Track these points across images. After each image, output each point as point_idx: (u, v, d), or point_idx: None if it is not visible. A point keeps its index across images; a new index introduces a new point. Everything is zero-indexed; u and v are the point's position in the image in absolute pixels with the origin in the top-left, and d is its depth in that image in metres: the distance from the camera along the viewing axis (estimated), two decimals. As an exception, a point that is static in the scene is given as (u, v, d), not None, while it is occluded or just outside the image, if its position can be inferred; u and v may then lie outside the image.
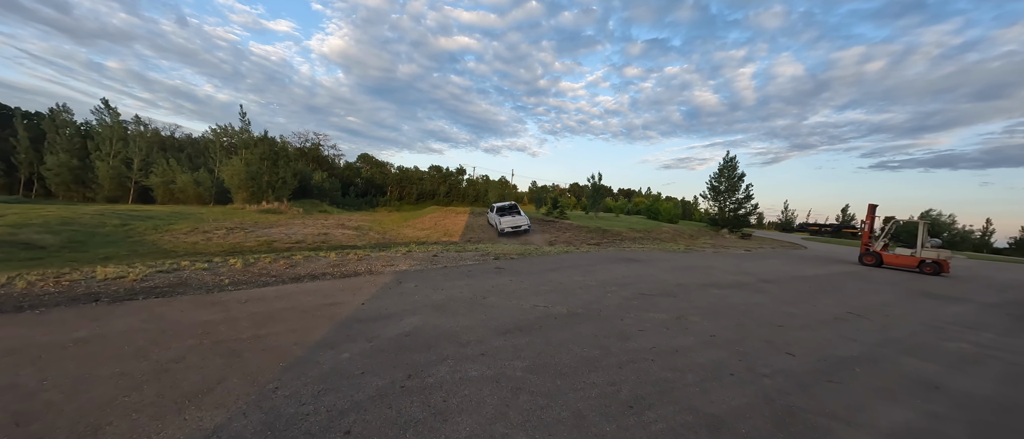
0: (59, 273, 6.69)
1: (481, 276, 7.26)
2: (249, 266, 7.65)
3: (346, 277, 6.64)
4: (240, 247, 15.45)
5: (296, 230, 21.63)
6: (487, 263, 9.00)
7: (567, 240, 19.30)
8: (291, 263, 8.03)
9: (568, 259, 10.46)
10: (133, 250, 13.16)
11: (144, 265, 8.03)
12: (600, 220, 29.44)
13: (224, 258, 9.01)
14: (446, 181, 68.69)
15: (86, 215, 17.75)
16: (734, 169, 37.45)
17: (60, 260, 10.43)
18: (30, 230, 13.32)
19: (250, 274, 6.70)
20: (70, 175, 35.29)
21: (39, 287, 5.24)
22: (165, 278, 6.12)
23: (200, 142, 47.91)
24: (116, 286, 5.40)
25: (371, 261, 8.58)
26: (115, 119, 36.89)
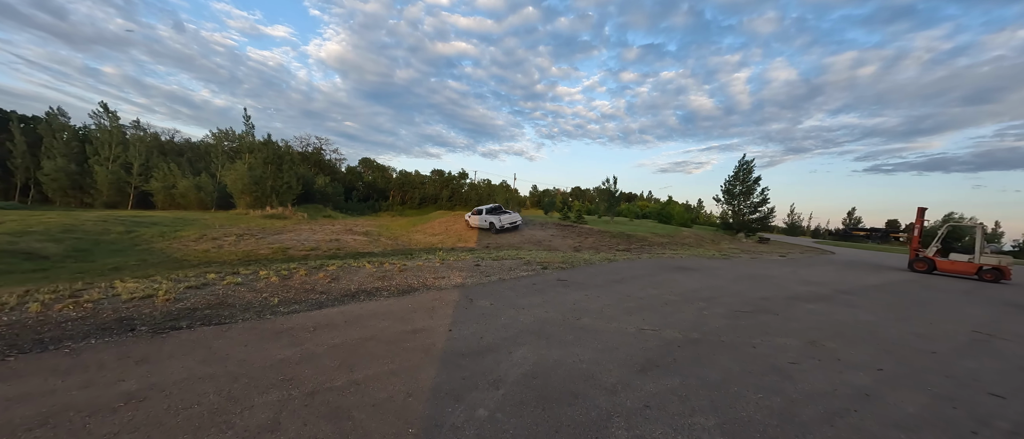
0: (74, 290, 5.85)
1: (550, 290, 6.48)
2: (286, 279, 6.83)
3: (404, 294, 5.83)
4: (254, 255, 14.57)
5: (305, 236, 20.76)
6: (541, 274, 8.21)
7: (593, 245, 18.55)
8: (331, 275, 7.21)
9: (621, 269, 9.71)
10: (143, 259, 12.26)
11: (166, 279, 7.19)
12: (617, 224, 28.77)
13: (253, 269, 8.17)
14: (448, 185, 67.93)
15: (88, 222, 16.81)
16: (750, 172, 36.94)
17: (67, 272, 9.54)
18: (31, 238, 12.40)
19: (293, 290, 5.88)
20: (68, 180, 34.19)
21: (57, 310, 4.41)
22: (199, 296, 5.29)
23: (201, 146, 46.93)
24: (148, 308, 4.58)
25: (416, 273, 7.78)
26: (114, 123, 35.89)
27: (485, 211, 21.93)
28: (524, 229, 26.24)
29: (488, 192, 68.27)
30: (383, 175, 66.31)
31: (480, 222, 21.86)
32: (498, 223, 20.95)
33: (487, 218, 21.39)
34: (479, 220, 21.96)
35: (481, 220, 21.78)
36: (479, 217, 22.02)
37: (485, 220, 21.46)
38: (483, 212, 21.91)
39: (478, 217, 22.13)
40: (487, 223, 21.29)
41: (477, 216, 22.27)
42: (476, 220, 22.39)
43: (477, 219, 22.25)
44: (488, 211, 21.94)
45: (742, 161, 37.90)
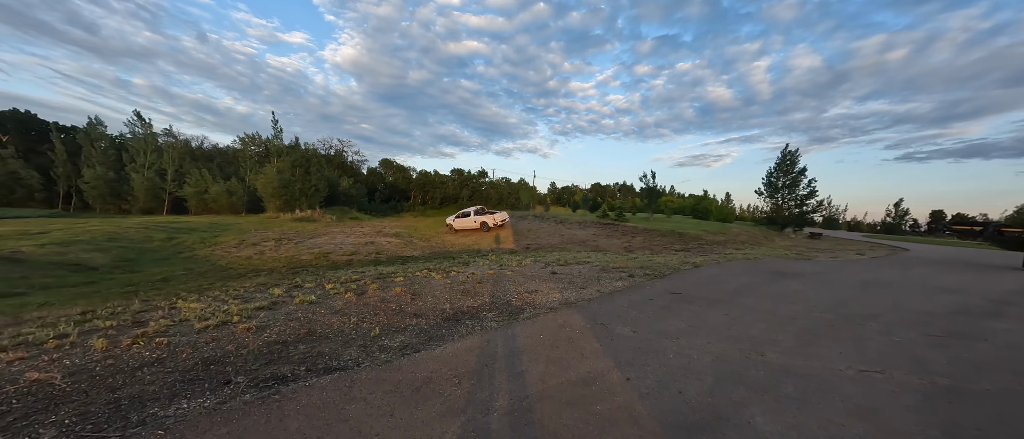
0: (135, 314, 5.11)
1: (677, 308, 5.40)
2: (361, 296, 5.98)
3: (512, 316, 4.85)
4: (297, 261, 14.01)
5: (340, 239, 20.25)
6: (638, 284, 7.13)
7: (646, 245, 17.30)
8: (406, 289, 6.32)
9: (715, 275, 8.52)
10: (188, 269, 11.79)
11: (226, 294, 6.45)
12: (657, 222, 27.28)
13: (314, 281, 7.39)
14: (468, 184, 67.29)
15: (130, 229, 16.65)
16: (794, 163, 34.68)
17: (117, 284, 9.03)
18: (78, 248, 12.09)
19: (380, 312, 4.99)
20: (106, 188, 35.02)
21: (125, 346, 3.62)
22: (281, 322, 4.44)
23: (229, 152, 47.62)
24: (230, 342, 3.74)
25: (497, 283, 6.81)
26: (148, 131, 36.57)
27: (473, 213, 22.20)
28: (563, 228, 25.10)
29: (508, 190, 67.36)
30: (404, 175, 66.16)
31: (469, 224, 21.81)
32: (491, 222, 21.43)
33: (477, 219, 21.65)
34: (468, 222, 21.88)
35: (470, 222, 21.76)
36: (468, 219, 21.99)
37: (475, 221, 21.57)
38: (471, 214, 22.11)
39: (466, 219, 22.06)
40: (479, 223, 21.46)
41: (465, 219, 22.19)
42: (463, 223, 22.16)
43: (465, 222, 22.09)
44: (476, 212, 22.29)
45: (785, 151, 35.61)
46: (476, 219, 21.45)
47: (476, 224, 21.39)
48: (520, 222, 30.63)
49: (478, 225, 21.32)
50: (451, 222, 23.08)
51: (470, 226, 21.55)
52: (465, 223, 21.83)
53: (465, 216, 22.20)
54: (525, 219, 32.12)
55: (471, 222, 21.56)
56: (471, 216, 21.80)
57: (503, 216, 21.86)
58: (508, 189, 67.25)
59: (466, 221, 21.81)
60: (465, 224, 21.81)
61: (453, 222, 22.80)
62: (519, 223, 30.34)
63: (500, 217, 21.60)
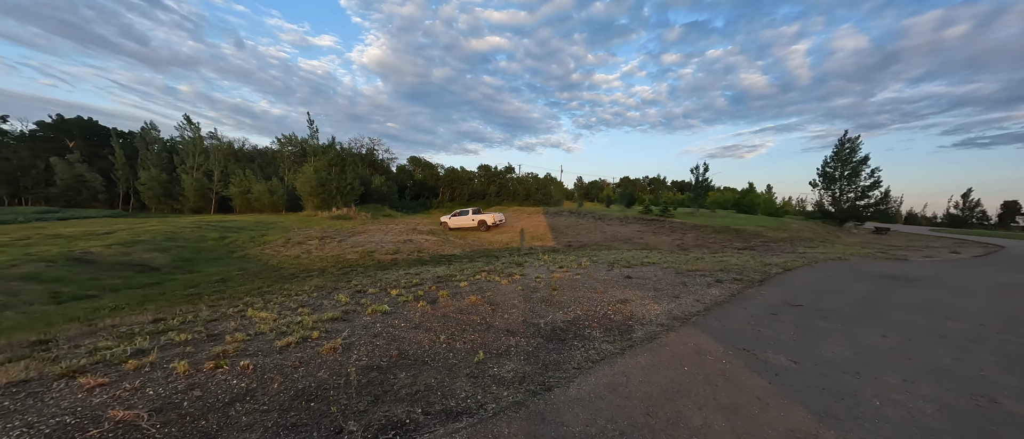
0: (208, 324, 4.78)
1: (816, 325, 4.49)
2: (436, 304, 5.44)
3: (627, 334, 4.12)
4: (343, 261, 13.91)
5: (378, 238, 20.18)
6: (741, 293, 6.22)
7: (701, 243, 16.07)
8: (486, 299, 5.72)
9: (817, 280, 7.44)
10: (243, 268, 11.86)
11: (293, 301, 6.10)
12: (704, 217, 25.63)
13: (378, 286, 6.96)
14: (495, 181, 66.86)
15: (185, 229, 17.20)
16: (854, 151, 31.69)
17: (179, 286, 9.04)
18: (140, 248, 12.43)
19: (465, 326, 4.40)
20: (160, 188, 37.09)
21: (208, 370, 3.19)
22: (364, 341, 3.93)
23: (268, 153, 49.43)
24: (320, 367, 3.23)
25: (572, 290, 6.10)
26: (196, 133, 38.35)
27: (471, 212, 23.09)
28: (604, 224, 24.06)
29: (536, 185, 66.41)
30: (432, 173, 66.54)
31: (467, 222, 22.53)
32: (490, 221, 22.34)
33: (475, 218, 22.46)
34: (466, 220, 22.58)
35: (468, 220, 22.54)
36: (465, 218, 22.67)
37: (473, 220, 22.42)
38: (470, 213, 22.95)
39: (464, 218, 22.72)
40: (477, 222, 22.29)
41: (462, 217, 22.84)
42: (459, 221, 22.74)
43: (462, 220, 22.70)
44: (474, 212, 23.24)
45: (844, 139, 32.59)
46: (474, 218, 22.23)
47: (474, 223, 22.12)
48: (555, 218, 29.75)
49: (476, 223, 22.07)
50: (446, 220, 23.43)
51: (468, 224, 22.31)
52: (461, 221, 22.58)
53: (462, 215, 22.95)
54: (560, 215, 31.21)
55: (469, 220, 22.32)
56: (470, 215, 22.63)
57: (500, 216, 22.85)
58: (535, 184, 66.30)
59: (464, 219, 22.56)
60: (461, 223, 22.54)
61: (448, 220, 23.20)
62: (554, 219, 29.47)
63: (497, 217, 22.50)
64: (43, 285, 7.94)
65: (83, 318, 5.85)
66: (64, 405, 2.74)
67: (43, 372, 3.37)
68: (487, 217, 22.30)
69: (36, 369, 3.52)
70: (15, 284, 7.74)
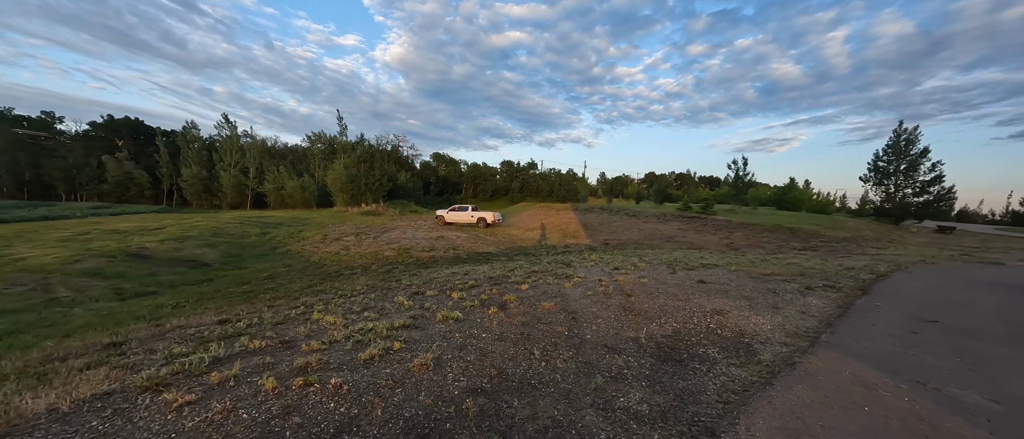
0: (275, 326, 4.54)
1: (982, 351, 3.77)
2: (506, 310, 5.01)
3: (753, 357, 3.56)
4: (382, 257, 13.82)
5: (410, 234, 20.09)
6: (850, 304, 5.49)
7: (752, 242, 15.04)
8: (560, 306, 5.25)
9: (937, 290, 6.55)
10: (287, 265, 11.91)
11: (357, 304, 5.83)
12: (747, 215, 24.19)
13: (436, 288, 6.62)
14: (518, 176, 66.35)
15: (229, 224, 17.62)
16: (912, 143, 29.19)
17: (231, 282, 9.06)
18: (190, 244, 12.70)
19: (553, 338, 3.95)
20: (201, 185, 38.68)
21: (297, 388, 2.86)
22: (449, 354, 3.54)
23: (298, 150, 50.78)
24: (408, 381, 2.85)
25: (651, 297, 5.53)
26: (233, 132, 39.69)
27: (470, 209, 23.38)
28: (640, 222, 23.16)
29: (558, 181, 65.44)
30: (455, 169, 66.74)
31: (465, 218, 22.92)
32: (489, 219, 22.66)
33: (474, 214, 22.87)
34: (464, 216, 22.95)
35: (467, 216, 22.93)
36: (464, 214, 23.02)
37: (472, 216, 22.78)
38: (469, 209, 23.28)
39: (463, 214, 23.07)
40: (476, 219, 22.65)
41: (460, 213, 23.17)
42: (456, 216, 23.07)
43: (460, 215, 23.05)
44: (473, 209, 23.64)
45: (899, 130, 30.07)
46: (474, 215, 22.77)
47: (473, 219, 22.63)
48: (586, 215, 28.96)
49: (475, 220, 22.57)
50: (443, 214, 23.62)
51: (466, 220, 22.73)
52: (459, 217, 22.95)
53: (462, 210, 23.31)
54: (591, 212, 30.36)
55: (468, 216, 22.79)
56: (469, 211, 23.09)
57: (498, 215, 23.71)
58: (558, 180, 65.35)
59: (463, 215, 22.95)
60: (458, 218, 22.92)
61: (445, 214, 23.45)
62: (585, 216, 28.68)
63: (496, 216, 23.34)
64: (106, 281, 8.08)
65: (149, 317, 5.77)
66: (155, 428, 2.46)
67: (124, 383, 3.15)
68: (487, 215, 22.78)
69: (116, 378, 3.31)
70: (80, 280, 7.90)
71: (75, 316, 5.84)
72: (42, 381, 3.34)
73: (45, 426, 2.55)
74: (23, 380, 3.37)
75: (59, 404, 2.83)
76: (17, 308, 6.12)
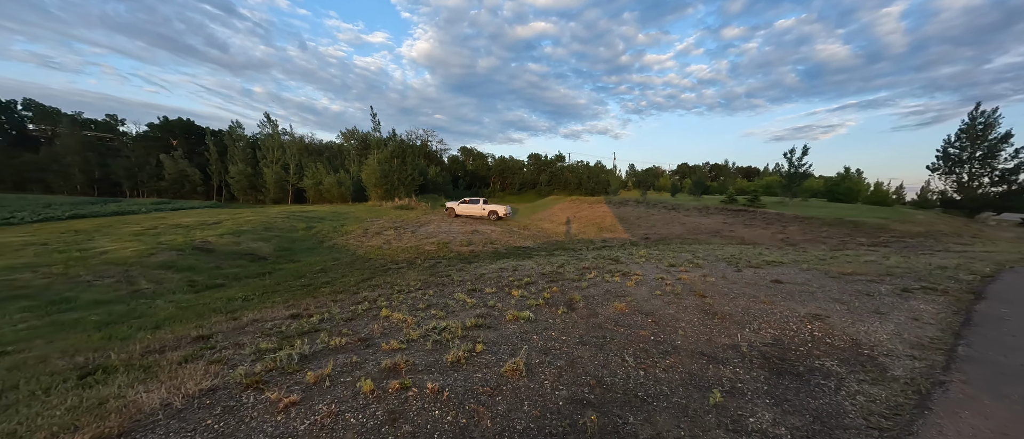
0: (346, 322, 4.55)
1: None
2: (575, 311, 4.79)
3: (882, 373, 3.15)
4: (425, 252, 13.97)
5: (445, 228, 20.22)
6: (979, 312, 4.86)
7: (812, 237, 13.99)
8: (635, 309, 4.97)
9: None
10: (335, 258, 12.28)
11: (423, 302, 5.80)
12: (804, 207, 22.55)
13: (483, 281, 6.50)
14: (545, 169, 65.62)
15: (276, 219, 18.43)
16: (991, 127, 26.13)
17: (289, 275, 9.39)
18: (246, 238, 13.34)
19: (636, 342, 3.69)
20: (246, 181, 40.89)
21: (394, 391, 2.78)
22: (537, 358, 3.36)
23: (334, 147, 52.57)
24: (507, 389, 2.69)
25: (729, 300, 5.13)
26: (275, 130, 41.57)
27: (482, 201, 23.57)
28: (680, 215, 22.23)
29: (587, 174, 64.18)
30: (483, 162, 66.92)
31: (477, 210, 23.09)
32: (501, 212, 22.71)
33: (486, 207, 23.00)
34: (475, 209, 23.12)
35: (478, 209, 23.09)
36: (476, 206, 23.19)
37: (484, 209, 22.91)
38: (481, 202, 23.48)
39: (474, 206, 23.25)
40: (487, 211, 22.74)
41: (471, 205, 23.39)
42: (468, 209, 23.28)
43: (472, 208, 23.24)
44: (484, 202, 23.80)
45: (976, 112, 26.97)
46: (485, 207, 22.94)
47: (484, 212, 22.78)
48: (621, 209, 28.15)
49: (486, 213, 22.70)
50: (453, 206, 23.81)
51: (477, 213, 22.90)
52: (470, 209, 23.15)
53: (473, 203, 23.55)
54: (626, 205, 29.50)
55: (479, 209, 22.97)
56: (480, 204, 23.26)
57: (508, 208, 23.98)
58: (586, 173, 64.09)
59: (474, 208, 23.16)
60: (470, 210, 23.12)
61: (455, 206, 23.67)
62: (620, 210, 27.89)
63: (506, 209, 23.60)
64: (179, 274, 8.57)
65: (224, 310, 6.01)
66: (268, 430, 2.44)
67: (225, 379, 3.21)
68: (498, 208, 23.01)
69: (215, 373, 3.39)
70: (157, 273, 8.42)
71: (159, 308, 6.18)
72: (149, 374, 3.48)
73: (164, 422, 2.60)
74: (131, 372, 3.52)
75: (171, 399, 2.90)
76: (108, 299, 6.57)
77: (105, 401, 2.92)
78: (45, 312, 5.77)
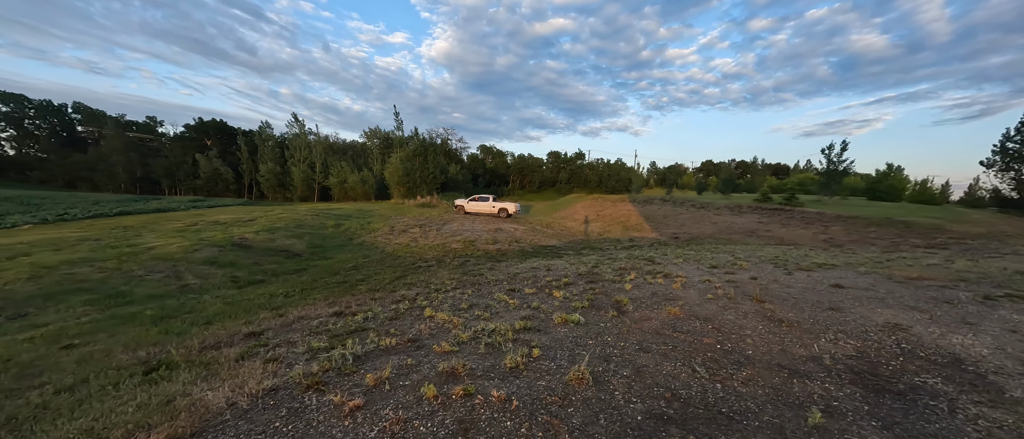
0: (390, 322, 4.49)
1: None
2: (634, 317, 4.57)
3: (998, 395, 2.81)
4: (451, 250, 13.99)
5: (469, 226, 20.21)
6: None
7: (855, 239, 13.15)
8: (691, 314, 4.71)
9: None
10: (366, 256, 12.45)
11: (466, 302, 5.71)
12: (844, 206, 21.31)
13: (517, 280, 6.36)
14: (565, 167, 64.96)
15: (306, 216, 18.91)
16: (1057, 121, 23.83)
17: (323, 272, 9.54)
18: (280, 235, 13.70)
19: (703, 350, 3.45)
20: (275, 179, 42.29)
21: (458, 397, 2.66)
22: (599, 367, 3.17)
23: (356, 145, 53.71)
24: (577, 400, 2.53)
25: (803, 310, 4.78)
26: (301, 129, 42.79)
27: (491, 199, 23.82)
28: (710, 214, 21.47)
29: (608, 172, 63.13)
30: (502, 160, 66.90)
31: (486, 208, 23.23)
32: (511, 210, 22.75)
33: (495, 205, 23.16)
34: (485, 206, 23.27)
35: (488, 206, 23.23)
36: (485, 204, 23.37)
37: (494, 207, 23.05)
38: (490, 199, 23.73)
39: (483, 204, 23.42)
40: (497, 209, 22.87)
41: (481, 203, 23.55)
42: (477, 206, 23.40)
43: (481, 206, 23.40)
44: (494, 199, 24.04)
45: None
46: (495, 205, 23.17)
47: (494, 210, 22.97)
48: (646, 207, 27.47)
49: (496, 210, 22.88)
50: (462, 203, 24.01)
51: (487, 210, 23.11)
52: (480, 207, 23.36)
53: (483, 201, 23.74)
54: (651, 203, 28.79)
55: (489, 207, 23.19)
56: (490, 202, 23.51)
57: (517, 206, 24.10)
58: (607, 170, 63.04)
59: (483, 205, 23.37)
60: (479, 208, 23.34)
61: (465, 204, 23.87)
62: (645, 208, 27.21)
63: (515, 206, 23.79)
64: (222, 269, 8.84)
65: (268, 306, 6.11)
66: (338, 435, 2.37)
67: (284, 378, 3.18)
68: (508, 206, 23.29)
69: (272, 372, 3.38)
70: (202, 268, 8.71)
71: (207, 303, 6.34)
72: (209, 371, 3.51)
73: (232, 423, 2.58)
74: (193, 369, 3.56)
75: (235, 399, 2.89)
76: (160, 294, 6.81)
77: (173, 399, 2.94)
78: (104, 306, 6.02)
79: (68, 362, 3.87)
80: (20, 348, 4.27)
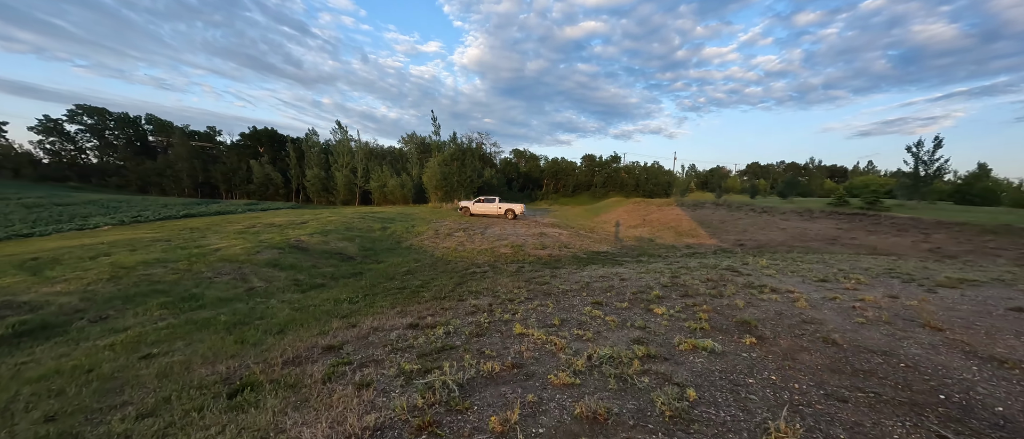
0: (473, 339, 3.89)
1: None
2: (786, 351, 3.70)
3: None
4: (501, 255, 13.46)
5: (511, 230, 19.62)
6: None
7: (972, 248, 11.18)
8: (858, 344, 3.77)
9: None
10: (416, 260, 12.17)
11: (557, 317, 5.05)
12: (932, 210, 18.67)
13: (592, 291, 5.59)
14: (600, 171, 63.25)
15: (354, 219, 19.15)
16: None
17: (378, 277, 9.25)
18: (333, 238, 13.76)
19: (878, 401, 2.56)
20: (320, 184, 44.11)
21: None
22: (802, 427, 2.39)
23: (395, 151, 55.14)
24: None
25: (987, 336, 3.70)
26: (345, 135, 44.44)
27: (497, 200, 23.81)
28: (776, 219, 19.60)
29: (644, 175, 60.76)
30: (535, 164, 66.25)
31: (492, 209, 23.26)
32: (517, 211, 22.79)
33: (502, 206, 23.29)
34: (491, 207, 23.31)
35: (495, 207, 23.28)
36: (491, 205, 23.43)
37: (500, 208, 23.13)
38: (496, 201, 23.73)
39: (490, 205, 23.46)
40: (503, 210, 22.94)
41: (487, 204, 23.59)
42: (483, 207, 23.43)
43: (487, 206, 23.41)
44: (500, 201, 24.05)
45: None
46: (501, 206, 23.19)
47: (501, 211, 22.99)
48: (697, 211, 25.74)
49: (503, 211, 22.90)
50: (468, 205, 23.86)
51: (494, 211, 23.11)
52: (486, 208, 23.38)
53: (489, 202, 23.76)
54: (702, 208, 26.96)
55: (495, 208, 23.21)
56: (496, 203, 23.52)
57: (522, 207, 24.01)
58: (644, 173, 60.70)
59: (490, 207, 23.39)
60: (486, 209, 23.34)
61: (470, 205, 23.75)
62: (697, 213, 25.49)
63: (521, 208, 23.81)
64: (284, 272, 8.78)
65: (336, 313, 5.77)
66: (486, 514, 1.76)
67: (387, 415, 2.64)
68: (515, 207, 23.35)
69: (370, 403, 2.87)
70: (265, 270, 8.68)
71: (275, 308, 6.11)
72: (298, 396, 3.06)
73: (343, 478, 2.05)
74: (279, 392, 3.13)
75: (335, 438, 2.38)
76: (229, 297, 6.71)
77: (265, 434, 2.48)
78: (179, 309, 5.94)
79: (148, 375, 3.60)
80: (102, 357, 4.10)
